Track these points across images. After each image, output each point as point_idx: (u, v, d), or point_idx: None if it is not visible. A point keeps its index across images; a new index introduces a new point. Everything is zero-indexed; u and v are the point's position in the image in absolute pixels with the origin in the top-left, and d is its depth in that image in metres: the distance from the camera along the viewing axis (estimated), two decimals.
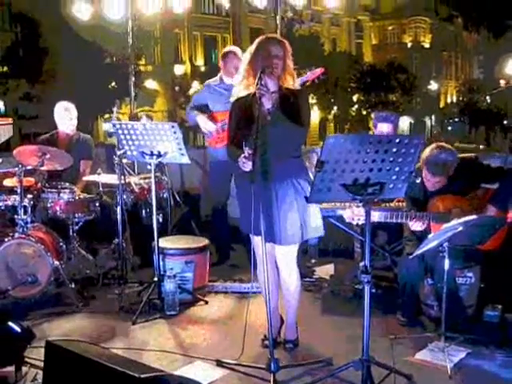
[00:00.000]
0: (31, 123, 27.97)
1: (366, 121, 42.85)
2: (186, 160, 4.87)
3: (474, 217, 3.83)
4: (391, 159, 3.15)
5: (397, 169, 3.20)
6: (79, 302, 5.05)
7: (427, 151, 4.37)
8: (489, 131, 49.45)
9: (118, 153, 5.09)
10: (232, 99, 4.05)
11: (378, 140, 3.08)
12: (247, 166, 3.61)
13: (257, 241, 3.93)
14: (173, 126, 4.70)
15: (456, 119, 50.77)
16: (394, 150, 3.12)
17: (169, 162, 5.06)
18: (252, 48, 3.92)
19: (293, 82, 3.95)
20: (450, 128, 49.87)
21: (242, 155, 3.63)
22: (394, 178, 3.23)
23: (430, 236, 3.86)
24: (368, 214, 3.25)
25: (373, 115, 5.72)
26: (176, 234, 6.13)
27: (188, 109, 6.12)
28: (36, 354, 3.79)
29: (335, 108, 41.79)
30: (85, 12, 8.67)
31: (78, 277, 5.45)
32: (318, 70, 5.29)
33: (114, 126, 4.94)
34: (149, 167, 4.94)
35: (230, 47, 6.05)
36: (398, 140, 3.10)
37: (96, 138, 31.92)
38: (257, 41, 3.95)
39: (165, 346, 4.29)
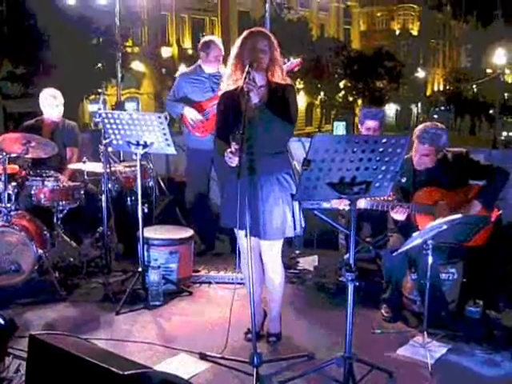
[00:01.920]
0: (16, 103, 27.70)
1: (352, 107, 42.93)
2: (172, 151, 4.84)
3: (459, 215, 3.85)
4: (377, 158, 3.15)
5: (383, 168, 3.20)
6: (63, 290, 5.03)
7: (419, 126, 4.55)
8: (474, 120, 49.77)
9: (104, 142, 5.06)
10: (220, 93, 4.03)
11: (364, 140, 3.08)
12: (233, 162, 3.61)
13: (241, 235, 3.94)
14: (159, 117, 4.67)
15: (442, 107, 51.02)
16: (381, 149, 3.12)
17: (154, 152, 5.02)
18: (238, 42, 3.91)
19: (281, 75, 3.93)
20: (435, 116, 50.05)
21: (229, 150, 3.63)
22: (380, 176, 3.24)
23: (414, 234, 3.87)
24: (354, 212, 3.25)
25: (359, 111, 5.73)
26: (160, 222, 6.12)
27: (169, 102, 6.03)
28: (19, 344, 3.78)
29: (322, 94, 41.74)
30: None
31: (61, 265, 5.43)
32: (295, 62, 5.26)
33: (99, 115, 4.90)
34: (134, 157, 4.92)
35: (209, 36, 6.01)
36: (384, 140, 3.10)
37: (81, 119, 31.73)
38: (242, 35, 3.93)
39: (148, 338, 4.29)
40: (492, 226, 4.44)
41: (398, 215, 4.43)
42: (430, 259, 3.99)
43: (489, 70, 50.91)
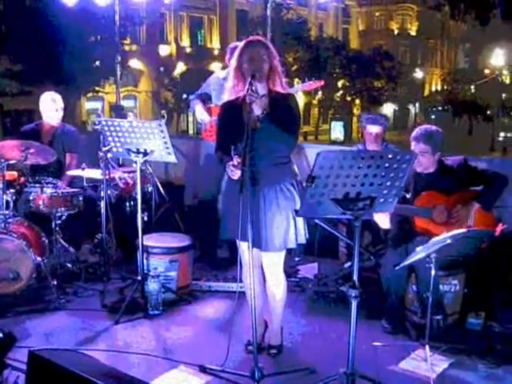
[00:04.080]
0: (13, 100, 27.63)
1: (350, 106, 42.93)
2: (172, 159, 4.80)
3: (462, 230, 3.83)
4: (383, 174, 3.11)
5: (388, 183, 3.17)
6: (61, 298, 5.00)
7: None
8: (472, 121, 49.79)
9: (104, 149, 5.01)
10: (220, 104, 4.01)
11: (370, 155, 3.05)
12: (235, 175, 3.57)
13: (243, 246, 3.90)
14: (160, 125, 4.62)
15: (440, 108, 51.04)
16: (386, 165, 3.09)
17: (155, 160, 4.98)
18: (236, 53, 3.88)
19: (281, 83, 3.89)
20: (433, 116, 50.09)
21: (231, 163, 3.59)
22: (385, 192, 3.21)
23: (418, 248, 3.85)
24: (358, 228, 3.21)
25: (362, 117, 5.70)
26: (160, 227, 6.07)
27: (194, 95, 6.10)
28: (17, 354, 3.73)
29: (320, 93, 41.70)
30: None
31: (59, 271, 5.39)
32: (318, 82, 5.23)
33: (99, 122, 4.86)
34: (134, 165, 4.88)
35: (238, 43, 5.99)
36: (390, 156, 3.07)
37: (79, 116, 31.67)
38: (239, 46, 3.91)
39: (148, 349, 4.26)
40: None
41: (382, 221, 4.38)
42: (433, 273, 3.95)
43: (487, 71, 50.94)
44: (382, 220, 4.11)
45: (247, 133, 3.50)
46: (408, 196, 4.50)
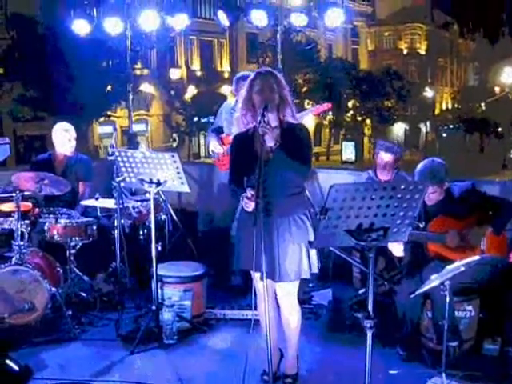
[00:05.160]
0: (26, 126, 27.92)
1: (360, 127, 42.95)
2: (185, 189, 4.83)
3: (476, 257, 3.82)
4: (396, 204, 3.12)
5: (401, 213, 3.17)
6: (76, 328, 5.01)
7: (417, 168, 4.58)
8: (483, 138, 49.67)
9: (117, 179, 5.06)
10: (231, 137, 4.04)
11: (383, 187, 3.06)
12: (249, 207, 3.59)
13: (257, 277, 3.91)
14: (173, 156, 4.66)
15: (451, 126, 50.97)
16: (399, 195, 3.09)
17: (168, 190, 5.02)
18: (246, 85, 3.91)
19: (292, 114, 3.92)
20: (444, 135, 50.03)
21: (245, 195, 3.61)
22: (398, 222, 3.21)
23: (432, 276, 3.84)
24: (372, 260, 3.21)
25: (377, 142, 5.71)
26: (173, 254, 6.09)
27: (209, 130, 6.26)
28: None
29: (330, 113, 41.78)
30: (83, 29, 8.64)
31: (74, 300, 5.43)
32: (325, 105, 5.28)
33: (113, 153, 4.90)
34: (147, 195, 4.92)
35: (244, 72, 6.05)
36: (403, 186, 3.08)
37: (91, 140, 31.86)
38: (250, 77, 3.94)
39: (163, 379, 4.27)
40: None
41: (396, 249, 4.40)
42: (447, 300, 3.94)
43: (496, 88, 50.95)
44: (396, 248, 4.12)
45: (260, 165, 3.52)
46: (421, 226, 4.50)
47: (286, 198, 3.82)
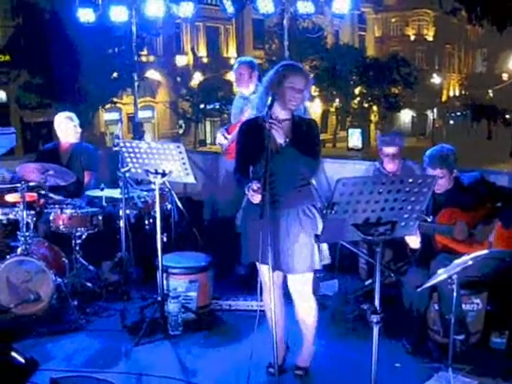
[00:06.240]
0: (33, 113, 27.89)
1: (367, 113, 42.74)
2: (191, 179, 4.80)
3: (484, 251, 3.78)
4: (403, 198, 3.08)
5: (409, 207, 3.13)
6: (82, 319, 5.01)
7: (427, 152, 4.59)
8: (490, 125, 49.40)
9: (123, 170, 5.03)
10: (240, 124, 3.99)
11: (391, 180, 3.02)
12: (256, 199, 3.54)
13: (264, 269, 3.88)
14: (178, 146, 4.62)
15: (458, 113, 50.70)
16: (407, 189, 3.05)
17: (173, 180, 4.98)
18: (274, 74, 3.77)
19: (304, 108, 3.89)
20: (451, 122, 49.79)
21: (251, 188, 3.56)
22: (406, 216, 3.16)
23: (439, 271, 3.80)
24: (379, 254, 3.18)
25: (378, 138, 5.69)
26: (179, 243, 6.07)
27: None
28: (39, 378, 3.76)
29: (337, 100, 41.61)
30: (88, 17, 8.61)
31: (80, 290, 5.43)
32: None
33: (118, 144, 4.87)
34: (153, 185, 4.89)
35: (240, 58, 6.02)
36: (410, 180, 3.03)
37: (97, 127, 31.84)
38: (283, 68, 3.77)
39: (168, 371, 4.24)
40: None
41: (412, 241, 4.36)
42: (455, 294, 3.90)
43: (504, 75, 50.55)
44: (413, 240, 4.08)
45: (267, 157, 3.48)
46: (429, 220, 4.45)
47: (293, 190, 3.78)
